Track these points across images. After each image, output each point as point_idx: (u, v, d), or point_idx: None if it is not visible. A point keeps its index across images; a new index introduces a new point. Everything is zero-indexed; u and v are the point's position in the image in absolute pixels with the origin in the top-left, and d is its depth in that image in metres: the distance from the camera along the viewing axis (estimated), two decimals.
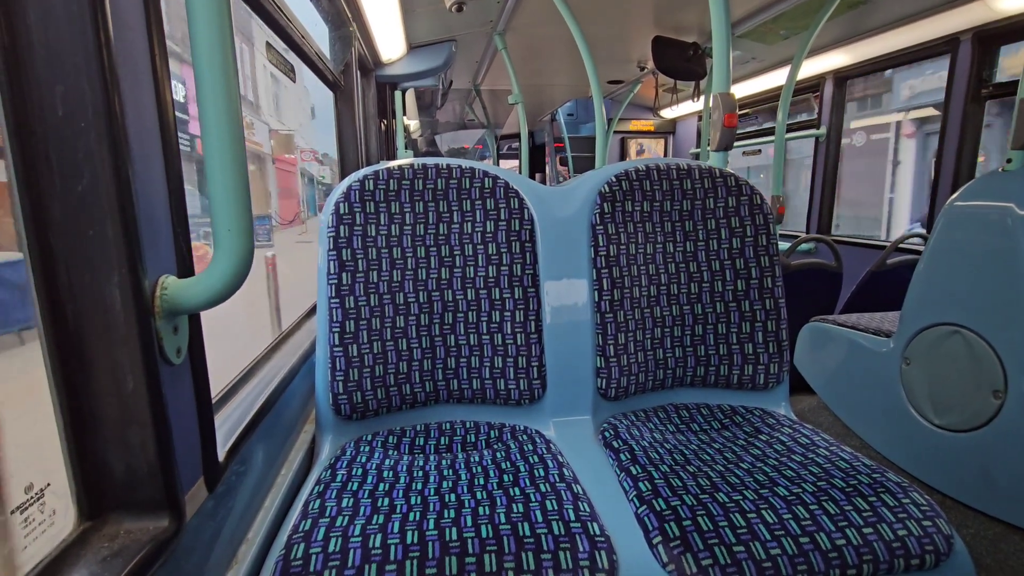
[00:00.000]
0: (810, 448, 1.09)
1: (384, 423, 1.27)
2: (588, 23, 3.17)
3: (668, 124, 6.72)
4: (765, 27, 3.43)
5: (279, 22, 1.52)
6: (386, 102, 3.80)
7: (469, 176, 1.33)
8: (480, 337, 1.30)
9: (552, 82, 5.53)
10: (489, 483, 0.98)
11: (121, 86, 0.57)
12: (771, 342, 1.36)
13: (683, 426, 1.27)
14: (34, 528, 0.61)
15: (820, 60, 3.71)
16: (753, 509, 0.89)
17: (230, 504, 0.83)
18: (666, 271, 1.39)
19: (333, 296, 1.21)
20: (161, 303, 0.63)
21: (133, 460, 0.62)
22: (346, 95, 2.47)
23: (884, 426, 1.95)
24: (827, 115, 3.86)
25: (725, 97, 1.70)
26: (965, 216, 1.67)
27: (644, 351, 1.35)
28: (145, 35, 0.63)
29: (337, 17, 2.28)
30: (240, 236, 0.63)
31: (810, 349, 2.37)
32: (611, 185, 1.36)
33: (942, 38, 2.95)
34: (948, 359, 1.69)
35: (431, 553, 0.79)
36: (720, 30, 1.73)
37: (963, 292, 1.65)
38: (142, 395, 0.61)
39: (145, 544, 0.60)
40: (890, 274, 2.67)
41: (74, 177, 0.55)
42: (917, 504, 0.90)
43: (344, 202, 1.24)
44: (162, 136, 0.66)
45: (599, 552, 0.81)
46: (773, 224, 1.39)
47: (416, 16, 3.11)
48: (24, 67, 0.53)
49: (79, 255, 0.57)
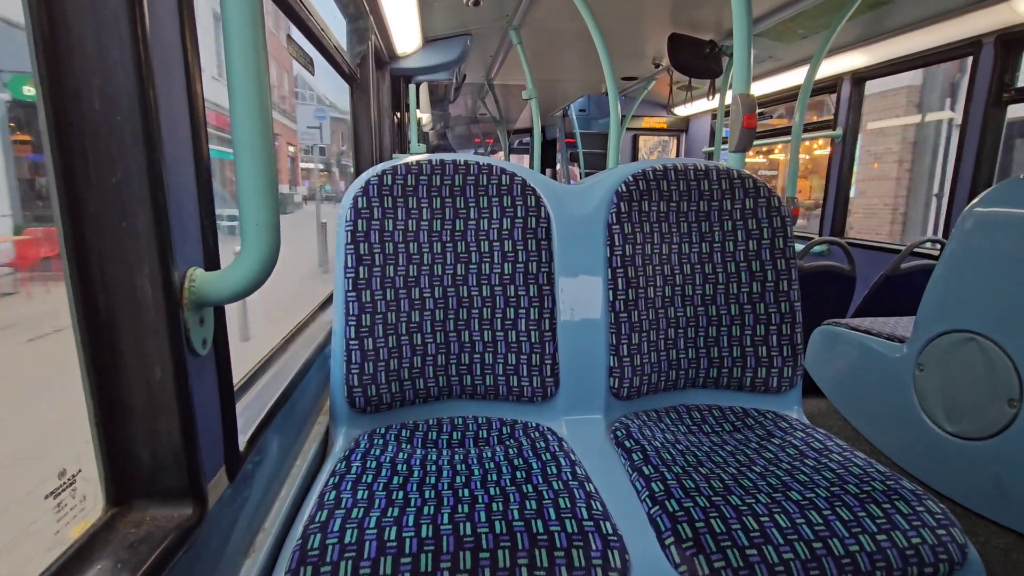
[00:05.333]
0: (823, 453, 1.09)
1: (397, 417, 1.28)
2: (604, 18, 3.15)
3: (681, 122, 6.67)
4: (783, 26, 3.40)
5: (299, 14, 1.52)
6: (400, 95, 3.80)
7: (487, 173, 1.33)
8: (494, 333, 1.30)
9: (566, 77, 5.50)
10: (502, 479, 0.99)
11: (155, 80, 0.57)
12: (785, 345, 1.36)
13: (695, 427, 1.27)
14: (66, 513, 0.63)
15: (837, 60, 3.67)
16: (766, 513, 0.89)
17: (248, 494, 0.85)
18: (681, 272, 1.39)
19: (350, 290, 1.22)
20: (189, 295, 0.64)
21: (159, 448, 0.63)
22: (362, 88, 2.47)
23: (895, 432, 1.94)
24: (843, 116, 3.82)
25: (745, 98, 1.68)
26: (985, 222, 1.65)
27: (657, 351, 1.35)
28: (178, 29, 0.64)
29: (355, 10, 2.28)
30: (267, 231, 0.64)
31: (821, 352, 2.36)
32: (628, 184, 1.36)
33: (964, 40, 2.90)
34: (963, 366, 1.67)
35: (445, 547, 0.80)
36: (741, 30, 1.72)
37: (980, 299, 1.64)
38: (169, 385, 0.62)
39: (170, 531, 0.61)
40: (904, 279, 2.65)
41: (109, 170, 0.56)
42: (931, 512, 0.90)
43: (363, 196, 1.25)
44: (192, 130, 0.66)
45: (612, 551, 0.81)
46: (790, 227, 1.38)
47: (433, 9, 3.10)
48: (63, 61, 0.54)
49: (112, 247, 0.58)
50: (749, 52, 1.72)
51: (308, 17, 1.58)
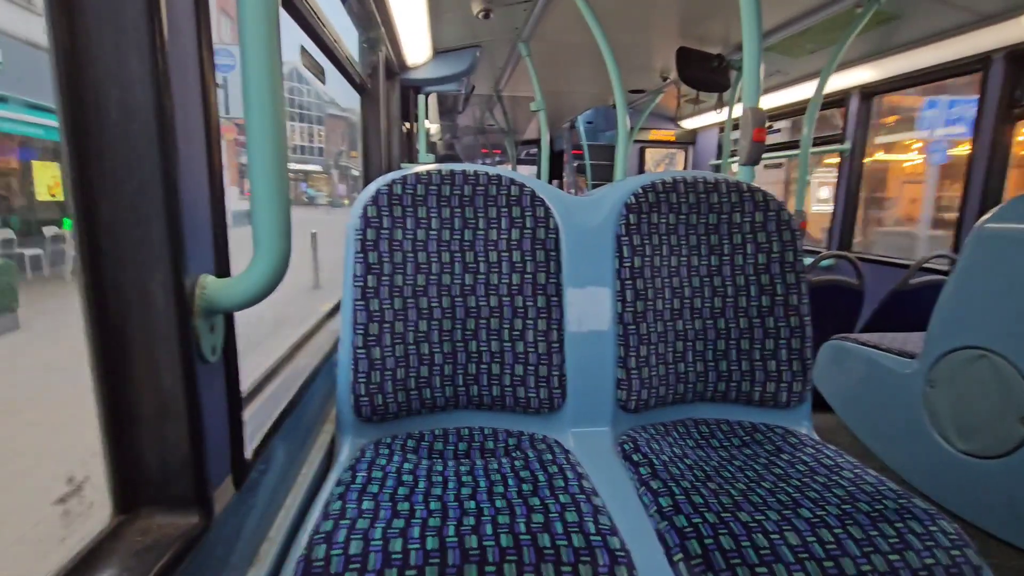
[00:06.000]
0: (834, 470, 1.08)
1: (403, 426, 1.27)
2: (613, 31, 3.18)
3: (688, 134, 6.69)
4: (792, 40, 3.41)
5: (312, 26, 1.54)
6: (409, 105, 3.83)
7: (496, 183, 1.33)
8: (502, 344, 1.30)
9: (574, 89, 5.54)
10: (508, 491, 0.98)
11: (172, 90, 0.58)
12: (795, 360, 1.34)
13: (703, 441, 1.26)
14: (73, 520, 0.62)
15: (846, 75, 3.68)
16: (776, 530, 0.88)
17: (253, 502, 0.84)
18: (690, 285, 1.38)
19: (359, 299, 1.22)
20: (200, 302, 0.64)
21: (167, 456, 0.63)
22: (372, 98, 2.50)
23: (906, 449, 1.92)
24: (852, 130, 3.82)
25: (755, 111, 1.69)
26: (997, 238, 1.63)
27: (665, 364, 1.34)
28: (195, 39, 0.65)
29: (367, 21, 2.31)
30: (279, 238, 0.64)
31: (830, 367, 2.34)
32: (637, 196, 1.36)
33: (974, 56, 2.90)
34: (975, 383, 1.65)
35: (451, 560, 0.79)
36: (751, 44, 1.72)
37: (992, 315, 1.62)
38: (178, 392, 0.62)
39: (176, 539, 0.61)
40: (913, 294, 2.63)
41: (125, 179, 0.57)
42: (945, 532, 0.88)
43: (372, 205, 1.25)
44: (207, 139, 0.67)
45: (619, 567, 0.80)
46: (800, 241, 1.37)
47: (443, 21, 3.14)
48: (82, 70, 0.54)
49: (125, 254, 0.58)
50: (759, 66, 1.73)
51: (321, 28, 1.60)
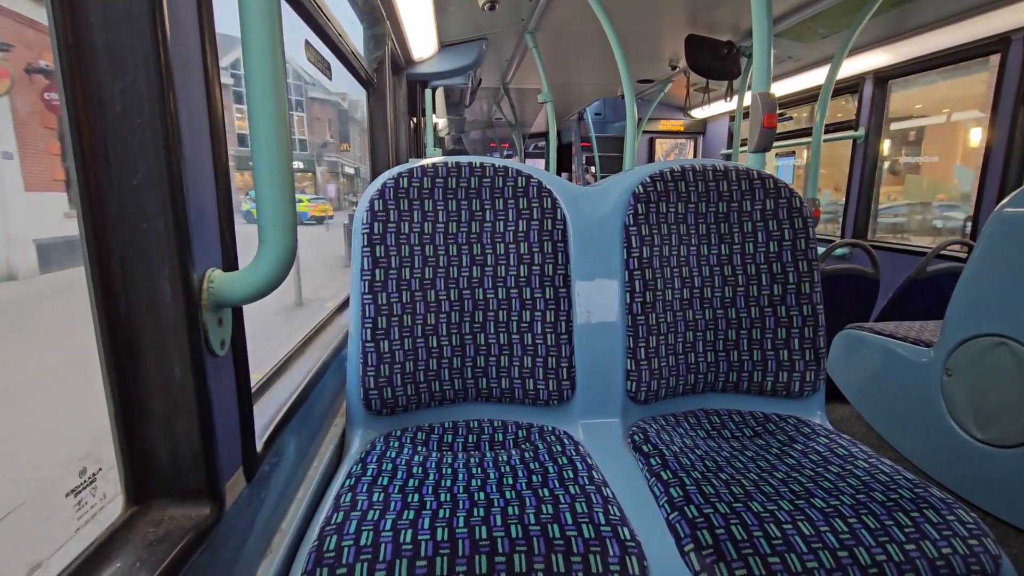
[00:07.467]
0: (848, 459, 1.06)
1: (413, 419, 1.27)
2: (620, 21, 3.14)
3: (698, 124, 6.62)
4: (803, 25, 3.35)
5: (317, 21, 1.54)
6: (416, 100, 3.83)
7: (503, 175, 1.33)
8: (510, 336, 1.30)
9: (581, 81, 5.50)
10: (518, 483, 0.98)
11: (175, 83, 0.58)
12: (808, 349, 1.33)
13: (714, 432, 1.25)
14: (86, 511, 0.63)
15: (859, 59, 3.61)
16: (789, 520, 0.87)
17: (264, 495, 0.85)
18: (700, 274, 1.37)
19: (366, 292, 1.22)
20: (208, 296, 0.64)
21: (178, 449, 0.64)
22: (378, 93, 2.50)
23: (923, 438, 1.89)
24: (866, 116, 3.75)
25: (765, 97, 1.66)
26: (1015, 223, 1.60)
27: (675, 355, 1.33)
28: (198, 34, 0.65)
29: (372, 15, 2.30)
30: (285, 231, 0.65)
31: (845, 357, 2.31)
32: (645, 186, 1.34)
33: (991, 37, 2.83)
34: (993, 371, 1.62)
35: (461, 551, 0.79)
36: (761, 29, 1.69)
37: (1011, 302, 1.59)
38: (188, 386, 0.62)
39: (188, 531, 0.61)
40: (930, 282, 2.58)
41: (130, 172, 0.57)
42: (962, 521, 0.87)
43: (379, 199, 1.25)
44: (211, 132, 0.67)
45: (630, 557, 0.80)
46: (812, 228, 1.35)
47: (449, 14, 3.12)
48: (87, 65, 0.55)
49: (132, 248, 0.59)
50: (769, 51, 1.70)
51: (326, 23, 1.60)
